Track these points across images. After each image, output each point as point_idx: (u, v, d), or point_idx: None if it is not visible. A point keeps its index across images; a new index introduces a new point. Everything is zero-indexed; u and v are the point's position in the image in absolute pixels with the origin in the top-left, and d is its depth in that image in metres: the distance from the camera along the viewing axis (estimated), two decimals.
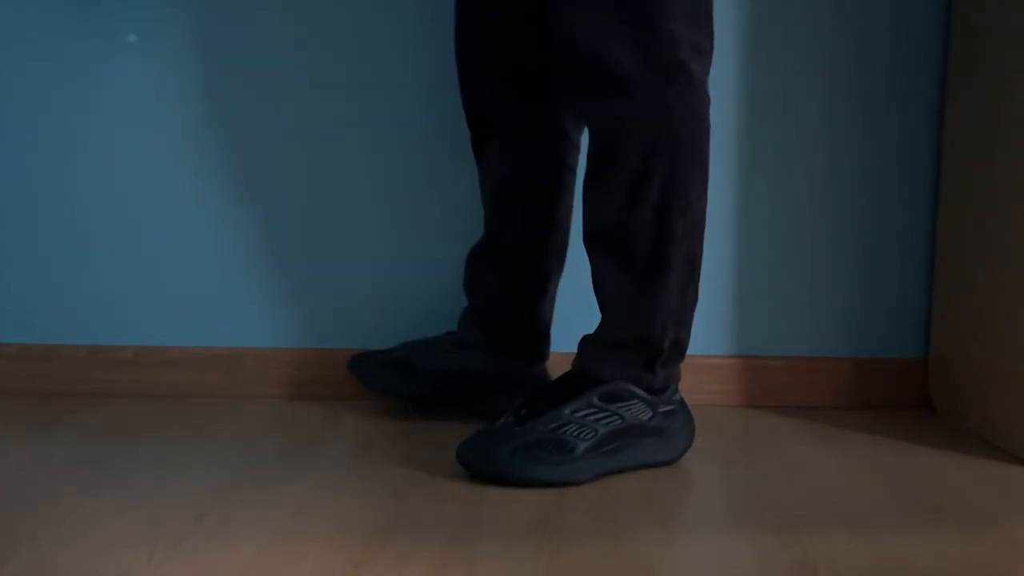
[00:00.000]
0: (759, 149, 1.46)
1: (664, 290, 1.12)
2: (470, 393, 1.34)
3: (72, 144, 1.47)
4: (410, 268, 1.49)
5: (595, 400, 1.11)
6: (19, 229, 1.48)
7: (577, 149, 1.32)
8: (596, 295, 1.16)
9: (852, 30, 1.44)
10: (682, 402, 1.19)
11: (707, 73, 1.10)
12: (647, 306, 1.12)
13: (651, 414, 1.14)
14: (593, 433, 1.10)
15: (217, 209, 1.47)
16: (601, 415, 1.11)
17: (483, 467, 1.08)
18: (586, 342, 1.17)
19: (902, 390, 1.48)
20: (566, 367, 1.42)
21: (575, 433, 1.09)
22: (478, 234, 1.37)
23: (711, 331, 1.48)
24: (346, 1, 1.44)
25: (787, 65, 1.45)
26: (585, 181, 1.14)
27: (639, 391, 1.13)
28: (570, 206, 1.33)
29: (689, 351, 1.47)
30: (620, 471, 1.13)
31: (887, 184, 1.47)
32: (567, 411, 1.10)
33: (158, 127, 1.46)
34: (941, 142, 1.45)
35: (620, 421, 1.12)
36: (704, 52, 1.09)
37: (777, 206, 1.47)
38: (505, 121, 1.28)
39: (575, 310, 1.44)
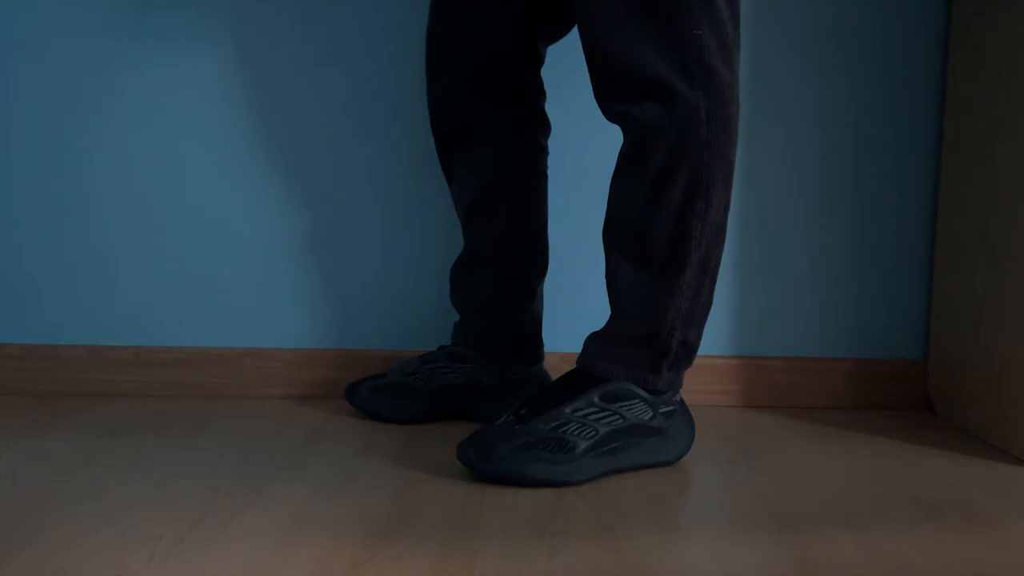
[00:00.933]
0: (758, 149, 1.46)
1: (677, 289, 1.12)
2: (470, 403, 1.34)
3: (74, 145, 1.47)
4: (410, 269, 1.49)
5: (596, 399, 1.11)
6: (20, 229, 1.48)
7: (546, 153, 1.33)
8: (608, 290, 1.16)
9: (852, 30, 1.44)
10: (682, 403, 1.19)
11: (736, 77, 1.09)
12: (659, 303, 1.12)
13: (652, 414, 1.14)
14: (594, 432, 1.10)
15: (218, 210, 1.48)
16: (602, 414, 1.11)
17: (484, 466, 1.08)
18: (593, 339, 1.17)
19: (902, 390, 1.48)
20: (562, 368, 1.43)
21: (575, 432, 1.09)
22: None
23: (711, 331, 1.48)
24: (354, 9, 1.44)
25: (787, 65, 1.45)
26: (614, 175, 1.15)
27: (641, 391, 1.13)
28: (545, 210, 1.34)
29: None
30: (620, 471, 1.13)
31: (887, 184, 1.47)
32: (567, 410, 1.10)
33: (159, 130, 1.47)
34: (941, 142, 1.45)
35: (621, 420, 1.12)
36: (733, 56, 1.09)
37: (777, 206, 1.47)
38: (475, 131, 1.29)
39: (576, 310, 1.44)
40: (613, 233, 1.15)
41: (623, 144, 1.13)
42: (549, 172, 1.35)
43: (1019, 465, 1.20)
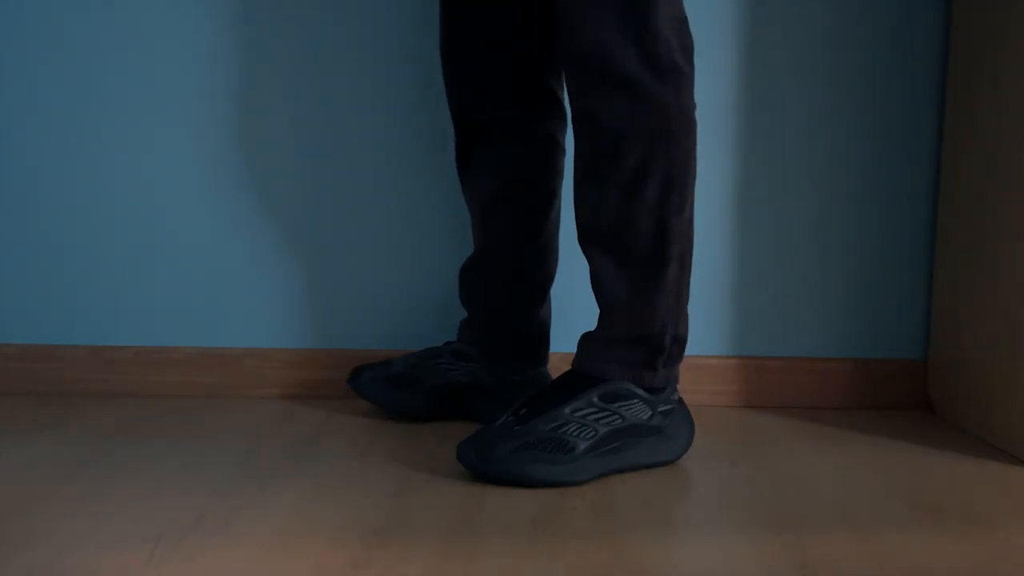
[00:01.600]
0: (759, 149, 1.46)
1: (663, 288, 1.13)
2: (472, 403, 1.34)
3: (73, 145, 1.47)
4: (411, 269, 1.49)
5: (595, 399, 1.11)
6: (20, 229, 1.48)
7: (564, 152, 1.33)
8: (596, 294, 1.17)
9: (852, 30, 1.44)
10: (680, 401, 1.19)
11: (693, 75, 1.12)
12: (647, 304, 1.13)
13: (651, 413, 1.14)
14: (593, 432, 1.10)
15: (218, 210, 1.48)
16: (601, 414, 1.11)
17: (484, 466, 1.08)
18: (587, 340, 1.18)
19: (902, 390, 1.48)
20: (562, 368, 1.43)
21: (575, 432, 1.09)
22: None
23: (711, 331, 1.49)
24: (356, 6, 1.44)
25: (787, 65, 1.45)
26: (579, 180, 1.14)
27: (639, 390, 1.13)
28: (559, 209, 1.34)
29: (689, 351, 1.48)
30: (620, 471, 1.14)
31: (887, 184, 1.47)
32: (567, 410, 1.10)
33: (160, 129, 1.47)
34: (941, 142, 1.45)
35: (620, 420, 1.12)
36: (691, 54, 1.12)
37: (777, 206, 1.47)
38: (495, 129, 1.29)
39: (575, 310, 1.44)
40: (593, 238, 1.14)
41: (587, 144, 1.12)
42: None
43: (1019, 465, 1.20)
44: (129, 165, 1.47)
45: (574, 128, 1.13)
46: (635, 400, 1.13)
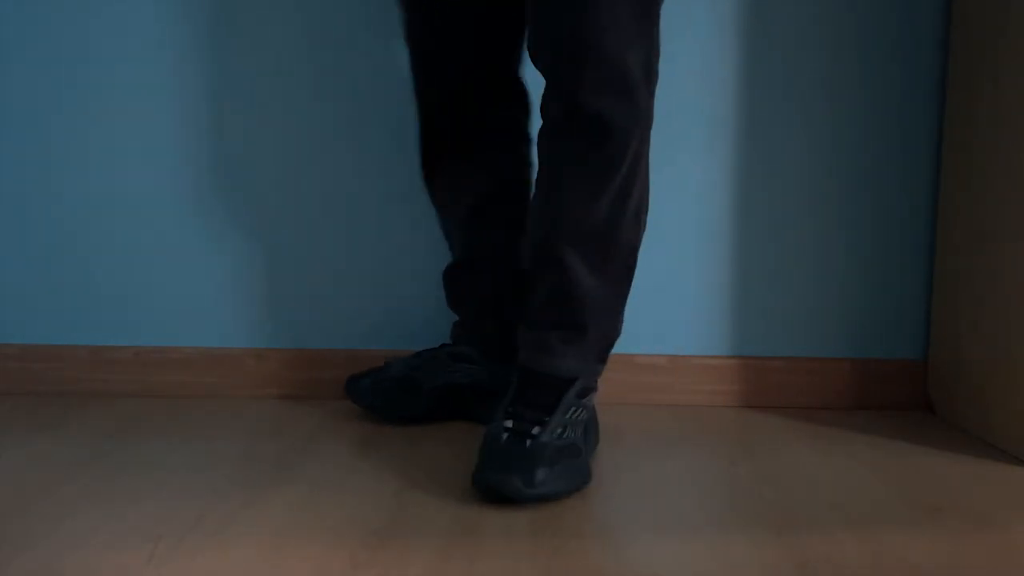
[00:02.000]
0: (759, 149, 1.46)
1: (628, 288, 1.17)
2: (471, 404, 1.34)
3: (73, 145, 1.47)
4: (410, 269, 1.49)
5: (574, 398, 1.13)
6: (20, 229, 1.48)
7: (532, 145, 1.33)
8: (562, 296, 1.13)
9: (852, 30, 1.44)
10: None
11: None
12: (617, 306, 1.17)
13: (585, 396, 1.16)
14: (581, 431, 1.12)
15: (218, 210, 1.48)
16: (578, 411, 1.13)
17: (527, 492, 1.01)
18: (552, 340, 1.14)
19: (902, 390, 1.48)
20: None
21: (572, 435, 1.09)
22: None
23: (711, 331, 1.48)
24: (345, 7, 1.44)
25: (786, 65, 1.45)
26: (568, 181, 1.11)
27: (593, 381, 1.17)
28: None
29: (689, 351, 1.49)
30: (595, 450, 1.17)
31: (887, 184, 1.47)
32: (559, 416, 1.09)
33: (160, 129, 1.46)
34: (941, 142, 1.45)
35: (586, 413, 1.15)
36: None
37: (776, 207, 1.47)
38: (475, 130, 1.29)
39: None
40: (572, 241, 1.11)
41: (590, 147, 1.08)
42: None
43: (1019, 465, 1.20)
44: (129, 165, 1.47)
45: (563, 127, 1.10)
46: (592, 390, 1.17)
